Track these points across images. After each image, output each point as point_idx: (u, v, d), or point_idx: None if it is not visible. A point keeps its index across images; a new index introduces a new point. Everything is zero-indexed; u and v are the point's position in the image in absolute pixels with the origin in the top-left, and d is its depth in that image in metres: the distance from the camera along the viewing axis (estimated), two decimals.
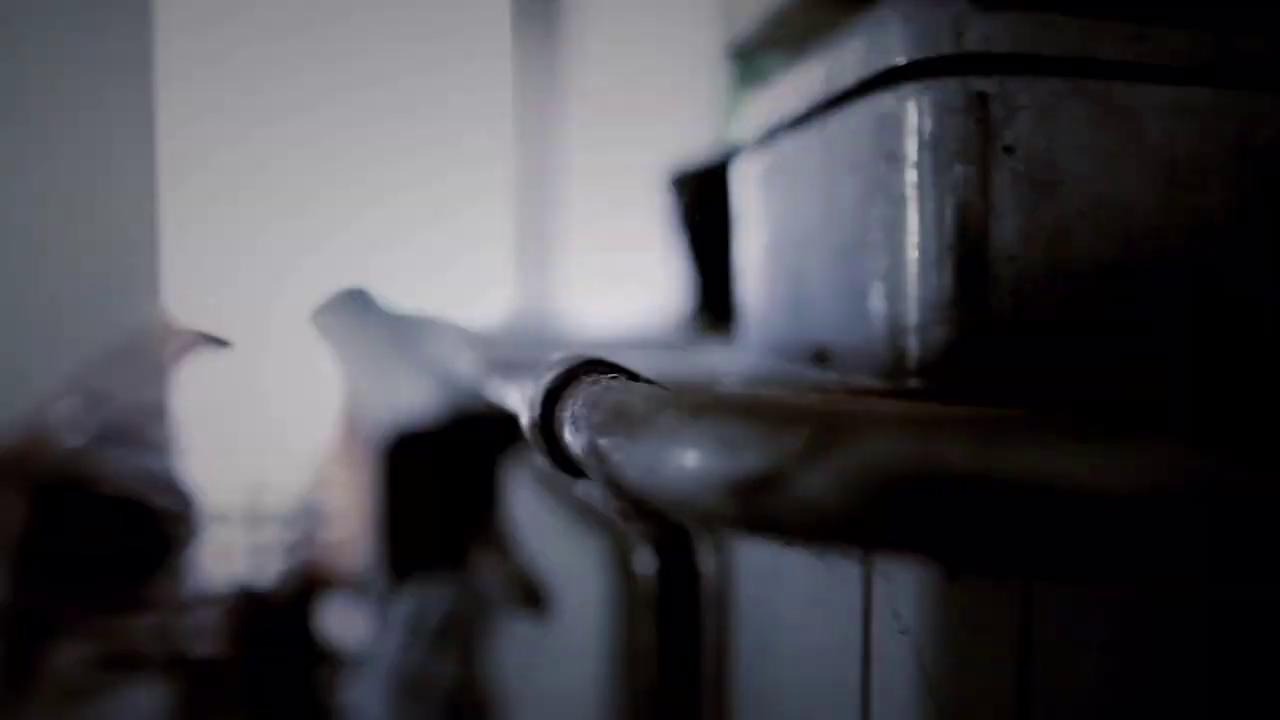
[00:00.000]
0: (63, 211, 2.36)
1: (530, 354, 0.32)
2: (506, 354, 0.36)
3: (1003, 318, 0.23)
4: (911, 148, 0.24)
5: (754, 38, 0.43)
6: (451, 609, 1.14)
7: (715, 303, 0.81)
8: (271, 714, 1.26)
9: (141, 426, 1.91)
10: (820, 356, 0.31)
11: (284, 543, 1.55)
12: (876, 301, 0.26)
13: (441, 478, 0.72)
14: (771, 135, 0.35)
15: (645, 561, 0.36)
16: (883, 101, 0.25)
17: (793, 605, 0.29)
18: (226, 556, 1.91)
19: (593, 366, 0.21)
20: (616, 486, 0.17)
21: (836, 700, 0.26)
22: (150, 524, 1.70)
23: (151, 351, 1.93)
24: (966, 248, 0.23)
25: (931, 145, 0.23)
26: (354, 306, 1.50)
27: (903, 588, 0.21)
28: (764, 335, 0.35)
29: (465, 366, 0.48)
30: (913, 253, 0.24)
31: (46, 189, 2.35)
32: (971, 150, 0.23)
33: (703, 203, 0.76)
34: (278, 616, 1.27)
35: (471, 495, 0.73)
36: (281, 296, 1.77)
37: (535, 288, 2.89)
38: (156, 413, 2.21)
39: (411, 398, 1.31)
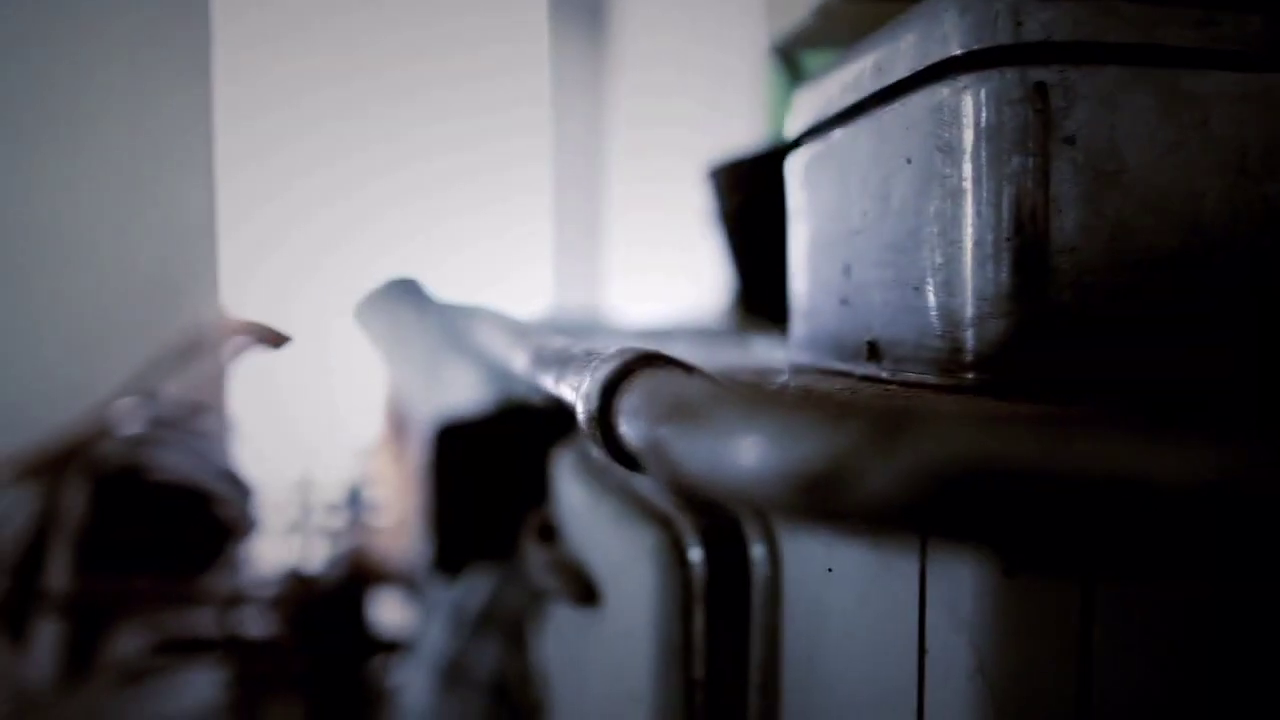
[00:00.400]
0: (124, 210, 2.43)
1: (581, 346, 0.32)
2: (557, 345, 0.37)
3: (1062, 311, 0.23)
4: (969, 140, 0.23)
5: (799, 34, 0.43)
6: (498, 599, 1.15)
7: (756, 296, 0.80)
8: (322, 699, 1.29)
9: (198, 418, 1.96)
10: (872, 350, 0.31)
11: (334, 532, 1.59)
12: (931, 295, 0.26)
13: (489, 468, 0.73)
14: (822, 129, 0.35)
15: (696, 553, 0.36)
16: (938, 93, 0.25)
17: (844, 599, 0.29)
18: (279, 545, 1.95)
19: (649, 359, 0.21)
20: (674, 478, 0.17)
21: (888, 695, 0.26)
22: (206, 513, 1.75)
23: (209, 345, 1.98)
24: (1026, 240, 0.22)
25: (989, 137, 0.23)
26: (401, 296, 1.52)
27: (960, 583, 0.21)
28: (813, 329, 0.35)
29: (515, 357, 0.48)
30: (970, 246, 0.23)
31: (109, 187, 2.43)
32: (1031, 141, 0.22)
33: (744, 197, 0.76)
34: (328, 604, 1.30)
35: (519, 486, 0.74)
36: (332, 290, 1.80)
37: (581, 280, 2.90)
38: (213, 405, 2.27)
39: (459, 388, 1.33)
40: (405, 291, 1.53)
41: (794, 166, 0.39)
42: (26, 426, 2.20)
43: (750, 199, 0.75)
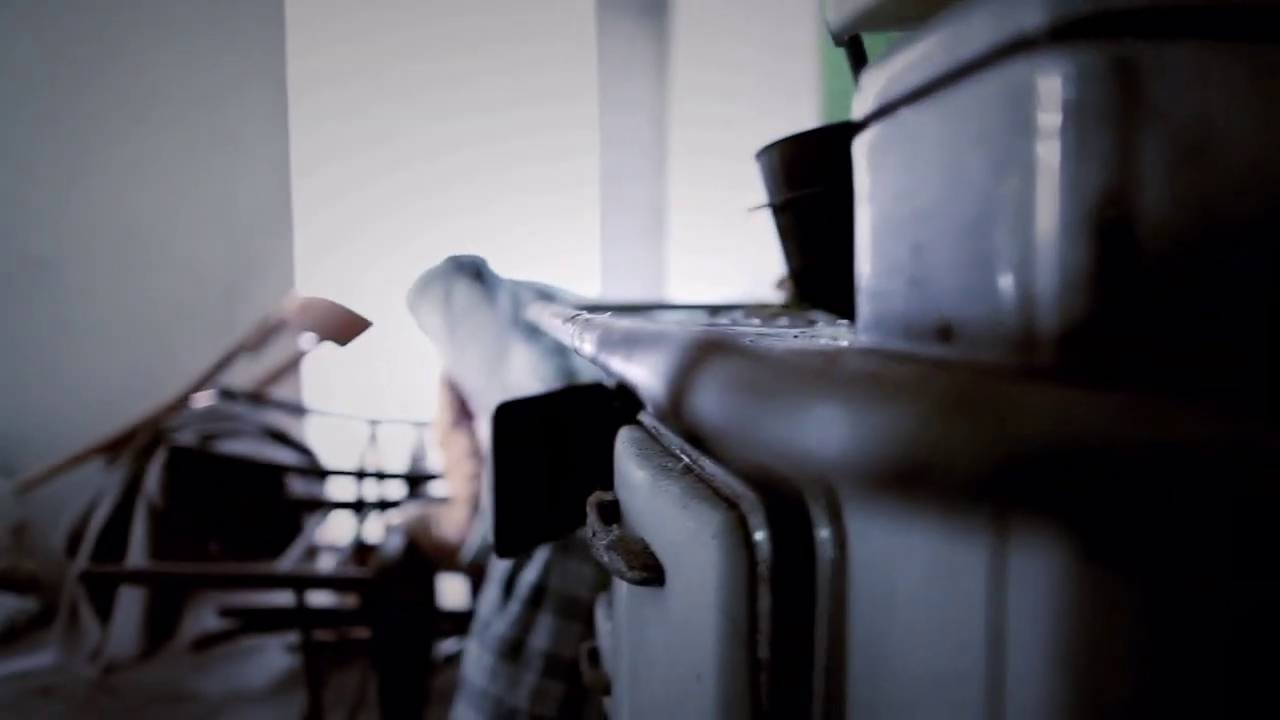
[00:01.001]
0: (205, 206, 2.52)
1: (651, 326, 0.32)
2: (625, 326, 0.37)
3: (1146, 292, 0.22)
4: (1050, 117, 0.23)
5: (859, 16, 0.42)
6: (560, 577, 1.17)
7: (813, 279, 0.79)
8: (387, 671, 1.32)
9: (272, 402, 2.02)
10: (943, 332, 0.30)
11: (398, 510, 1.62)
12: (1008, 277, 0.26)
13: (552, 447, 0.74)
14: (891, 109, 0.35)
15: (761, 534, 0.36)
16: (1017, 69, 0.25)
17: (915, 583, 0.29)
18: (347, 522, 2.01)
19: (724, 339, 0.21)
20: (755, 456, 0.18)
21: (961, 681, 0.26)
22: (278, 491, 1.81)
23: (283, 333, 2.03)
24: (1109, 220, 0.22)
25: (1073, 112, 0.22)
26: (468, 275, 1.54)
27: (1042, 568, 0.21)
28: (880, 310, 0.35)
29: (581, 338, 0.49)
30: (1050, 225, 0.23)
31: (191, 186, 2.51)
32: (1116, 118, 0.22)
33: (800, 179, 0.75)
34: (393, 579, 1.33)
35: (581, 465, 0.74)
36: (397, 274, 1.84)
37: (643, 262, 2.91)
38: (286, 389, 2.34)
39: (522, 367, 1.35)
40: (471, 270, 1.55)
41: (861, 148, 0.38)
42: (116, 410, 2.30)
43: (805, 182, 0.74)
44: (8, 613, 2.11)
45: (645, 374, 0.25)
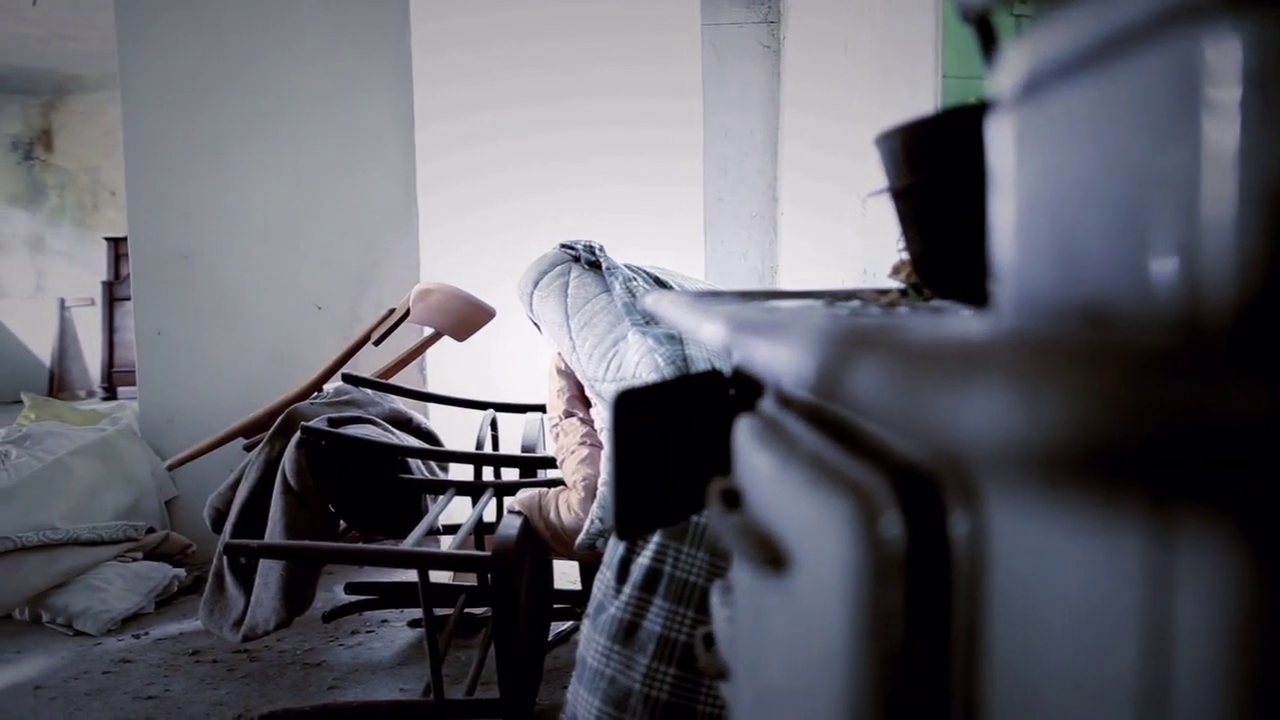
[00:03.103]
0: (336, 195, 2.65)
1: (783, 313, 0.32)
2: (755, 314, 0.37)
3: None
4: (1223, 90, 0.22)
5: None
6: (677, 562, 1.18)
7: (937, 264, 0.77)
8: (505, 650, 1.37)
9: (397, 385, 2.11)
10: (1095, 317, 0.29)
11: (517, 493, 1.67)
12: (1171, 258, 0.24)
13: (669, 434, 0.75)
14: (1037, 86, 0.33)
15: (893, 522, 0.36)
16: (1184, 39, 0.23)
17: (1063, 576, 0.28)
18: (465, 505, 2.08)
19: (873, 326, 0.21)
20: (897, 442, 0.18)
21: (1111, 683, 0.25)
22: (403, 471, 1.89)
23: (410, 316, 2.11)
24: None
25: (1253, 84, 0.21)
26: (581, 263, 1.56)
27: (1214, 567, 0.20)
28: (1025, 294, 0.34)
29: (706, 324, 0.49)
30: (1222, 205, 0.22)
31: (322, 177, 2.65)
32: None
33: (923, 163, 0.73)
34: (511, 560, 1.38)
35: (697, 451, 0.75)
36: (513, 265, 1.88)
37: (750, 251, 2.89)
38: (411, 370, 2.44)
39: (639, 353, 1.36)
40: (586, 258, 1.58)
41: (1001, 127, 0.37)
42: (255, 395, 2.45)
43: (929, 166, 0.72)
44: (163, 580, 2.29)
45: (787, 359, 0.25)
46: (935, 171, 0.72)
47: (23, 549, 2.15)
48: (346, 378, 2.03)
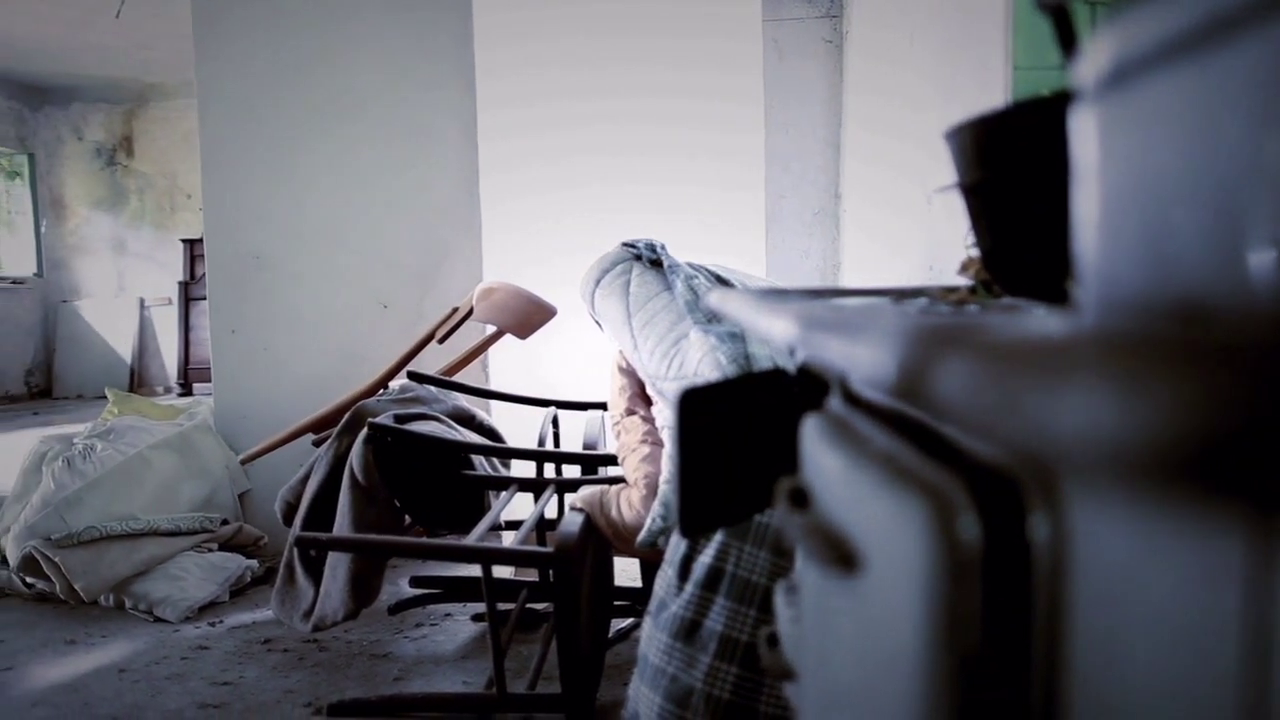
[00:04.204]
0: (402, 196, 2.70)
1: (857, 312, 0.32)
2: (827, 312, 0.36)
3: None
4: None
5: None
6: (741, 561, 1.17)
7: (1009, 260, 0.75)
8: (566, 645, 1.38)
9: (460, 382, 2.14)
10: (1190, 315, 0.28)
11: (578, 490, 1.68)
12: (1272, 253, 0.23)
13: (736, 432, 0.75)
14: (1125, 75, 0.32)
15: (970, 523, 0.35)
16: None
17: (1151, 579, 0.27)
18: (528, 501, 2.10)
19: (957, 325, 0.21)
20: (981, 442, 0.17)
21: (1204, 690, 0.24)
22: (466, 467, 1.92)
23: (473, 314, 2.14)
24: None
25: None
26: (644, 261, 1.56)
27: None
28: (1112, 292, 0.33)
29: (775, 323, 0.49)
30: None
31: (388, 178, 2.70)
32: None
33: (995, 158, 0.71)
34: (573, 556, 1.39)
35: (766, 450, 0.75)
36: (573, 265, 1.90)
37: (812, 249, 2.86)
38: (474, 368, 2.47)
39: (701, 351, 1.36)
40: (648, 256, 1.58)
41: (1085, 119, 0.36)
42: (323, 392, 2.51)
43: (1001, 161, 0.71)
44: (237, 571, 2.36)
45: (865, 358, 0.25)
46: (1008, 166, 0.70)
47: (107, 538, 2.25)
48: (412, 375, 2.07)
